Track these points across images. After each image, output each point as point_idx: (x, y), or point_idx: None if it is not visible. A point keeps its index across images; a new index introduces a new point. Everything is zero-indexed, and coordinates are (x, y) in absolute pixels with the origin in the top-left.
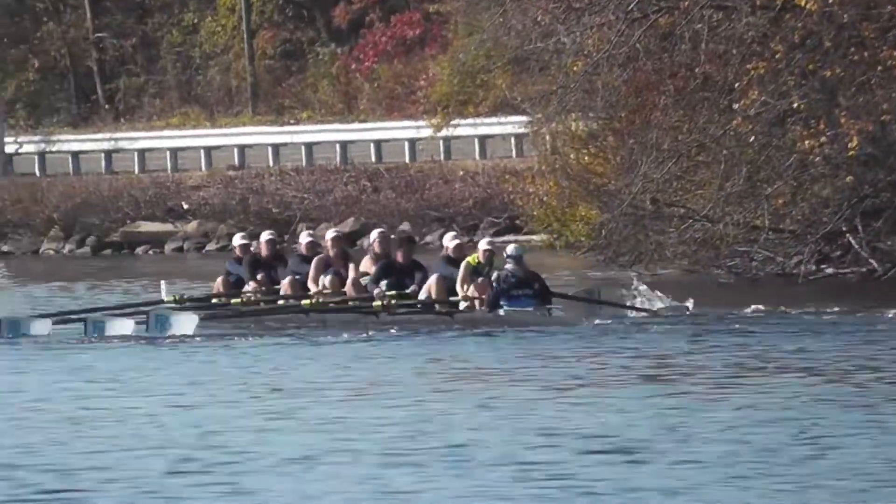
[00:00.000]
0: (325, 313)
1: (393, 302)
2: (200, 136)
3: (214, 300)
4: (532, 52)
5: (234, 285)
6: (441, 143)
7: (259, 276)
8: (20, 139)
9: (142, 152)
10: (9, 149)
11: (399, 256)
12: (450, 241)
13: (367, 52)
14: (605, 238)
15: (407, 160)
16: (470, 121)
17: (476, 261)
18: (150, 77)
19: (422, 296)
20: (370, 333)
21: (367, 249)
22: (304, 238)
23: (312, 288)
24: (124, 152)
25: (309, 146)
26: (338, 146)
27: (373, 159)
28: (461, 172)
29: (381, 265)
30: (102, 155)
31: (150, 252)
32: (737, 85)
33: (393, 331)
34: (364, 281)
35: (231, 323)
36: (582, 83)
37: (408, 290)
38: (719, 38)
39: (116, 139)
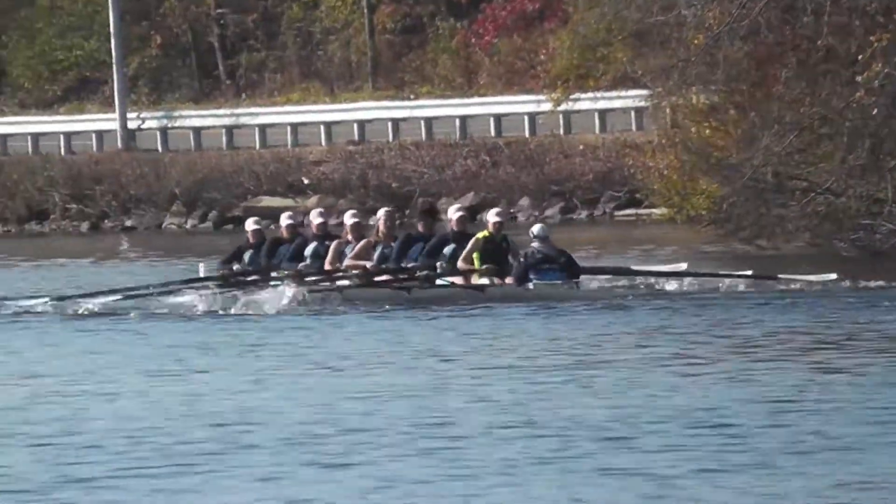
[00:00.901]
0: (362, 288)
1: (426, 273)
2: (320, 112)
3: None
4: (653, 25)
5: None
6: (561, 117)
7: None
8: (143, 115)
9: (262, 128)
10: (132, 124)
11: (420, 228)
12: (453, 214)
13: (487, 26)
14: (726, 212)
15: (527, 134)
16: (590, 94)
17: (488, 234)
18: (270, 52)
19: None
20: (408, 309)
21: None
22: (315, 218)
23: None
24: (245, 128)
25: (428, 121)
26: (457, 121)
27: (492, 134)
28: (581, 146)
29: (403, 238)
30: (224, 130)
31: (272, 227)
32: (860, 57)
33: (424, 306)
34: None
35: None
36: (703, 56)
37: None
38: (842, 9)
39: (237, 115)
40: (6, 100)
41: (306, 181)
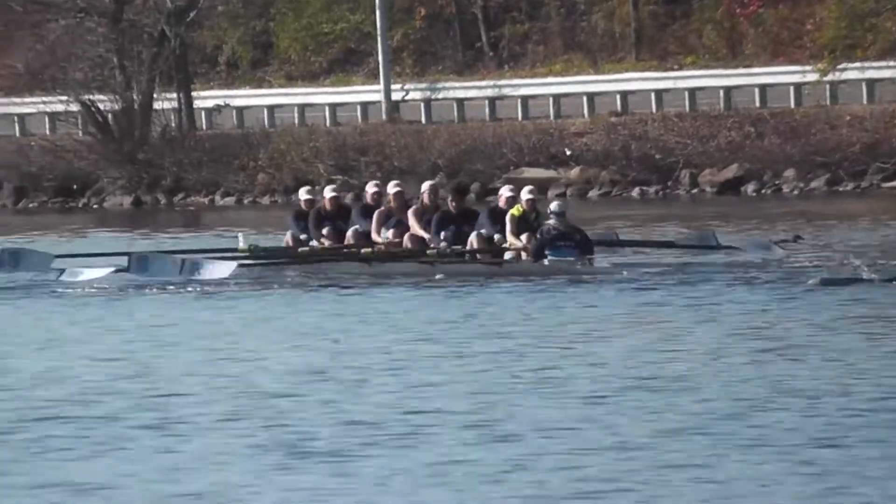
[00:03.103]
0: (385, 262)
1: (449, 250)
2: (583, 83)
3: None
4: None
5: (302, 240)
6: (827, 87)
7: (325, 231)
8: (407, 86)
9: (525, 99)
10: (395, 96)
11: (451, 205)
12: (506, 192)
13: None
14: None
15: (792, 105)
16: (857, 64)
17: (520, 211)
18: (533, 23)
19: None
20: (429, 280)
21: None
22: (370, 188)
23: (376, 239)
24: (508, 99)
25: (692, 91)
26: (721, 91)
27: (757, 104)
28: (848, 117)
29: (439, 216)
30: (486, 102)
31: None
32: None
33: (442, 278)
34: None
35: (297, 272)
36: None
37: (464, 248)
38: None
39: (500, 86)
40: (274, 72)
41: (568, 152)
